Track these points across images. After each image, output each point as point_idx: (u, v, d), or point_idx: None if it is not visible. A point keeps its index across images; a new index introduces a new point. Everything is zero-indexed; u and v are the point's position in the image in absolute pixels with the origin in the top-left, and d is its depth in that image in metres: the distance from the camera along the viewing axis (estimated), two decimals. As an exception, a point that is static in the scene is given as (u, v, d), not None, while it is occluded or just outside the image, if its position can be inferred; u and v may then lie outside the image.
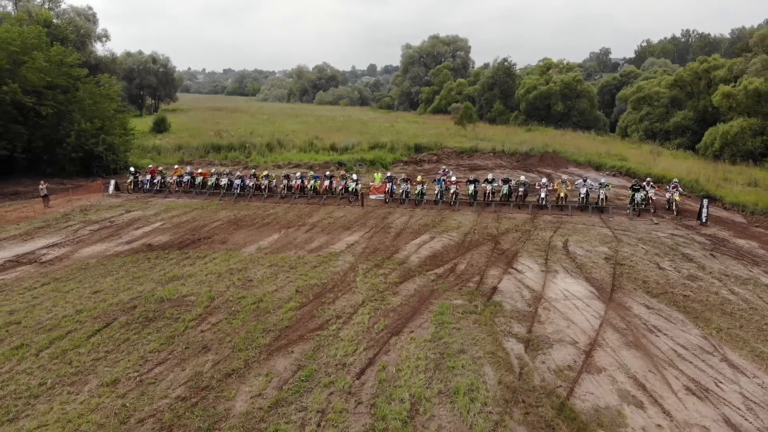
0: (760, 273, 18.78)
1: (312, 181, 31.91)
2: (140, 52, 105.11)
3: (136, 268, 18.80)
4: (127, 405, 10.59)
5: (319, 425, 9.82)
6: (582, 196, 28.46)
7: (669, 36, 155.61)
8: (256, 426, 9.81)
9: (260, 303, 15.47)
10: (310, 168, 40.64)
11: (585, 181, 29.62)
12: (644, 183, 28.77)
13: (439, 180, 31.00)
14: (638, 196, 27.16)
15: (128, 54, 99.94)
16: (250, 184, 32.11)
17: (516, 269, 18.68)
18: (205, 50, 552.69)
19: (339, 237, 23.03)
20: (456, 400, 10.55)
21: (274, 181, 33.17)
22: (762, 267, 19.45)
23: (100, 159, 37.85)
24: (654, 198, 27.68)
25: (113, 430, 9.83)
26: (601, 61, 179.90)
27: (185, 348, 12.83)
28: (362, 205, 29.36)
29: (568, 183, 30.01)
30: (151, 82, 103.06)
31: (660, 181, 32.63)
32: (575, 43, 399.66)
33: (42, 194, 29.48)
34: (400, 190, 30.39)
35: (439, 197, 29.66)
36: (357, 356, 12.34)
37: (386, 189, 30.69)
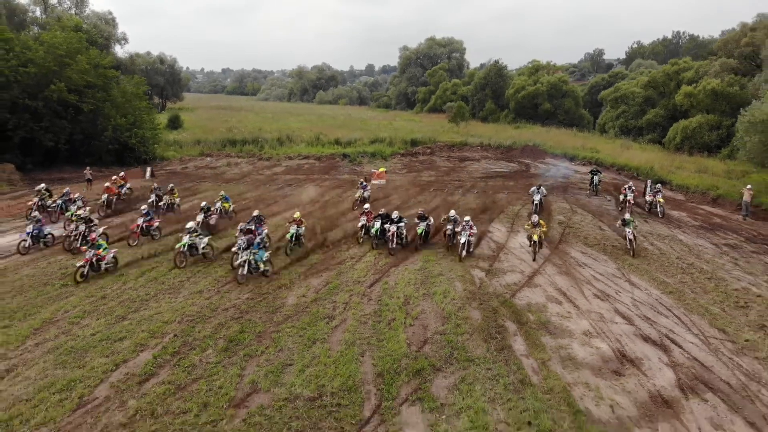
0: (679, 233, 24.09)
1: (220, 202, 26.33)
2: (148, 53, 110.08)
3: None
4: (213, 302, 15.72)
5: (344, 309, 15.05)
6: (536, 203, 27.24)
7: (661, 37, 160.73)
8: (304, 310, 15.03)
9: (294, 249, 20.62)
10: (318, 159, 45.76)
11: (539, 188, 28.11)
12: (600, 171, 33.81)
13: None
14: (596, 178, 32.32)
15: (137, 55, 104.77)
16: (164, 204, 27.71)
17: (488, 230, 23.88)
18: (203, 50, 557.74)
19: (346, 211, 28.12)
20: (434, 297, 15.81)
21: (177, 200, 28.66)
22: (682, 229, 24.76)
23: (132, 150, 42.83)
24: (632, 201, 27.74)
25: (208, 313, 14.95)
26: (595, 61, 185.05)
27: (244, 274, 18.00)
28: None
29: (542, 223, 20.99)
30: (159, 82, 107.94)
31: (623, 168, 37.91)
32: (576, 42, 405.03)
33: (86, 178, 34.44)
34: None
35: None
36: (367, 278, 17.60)
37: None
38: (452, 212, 21.94)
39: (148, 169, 38.31)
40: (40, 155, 40.37)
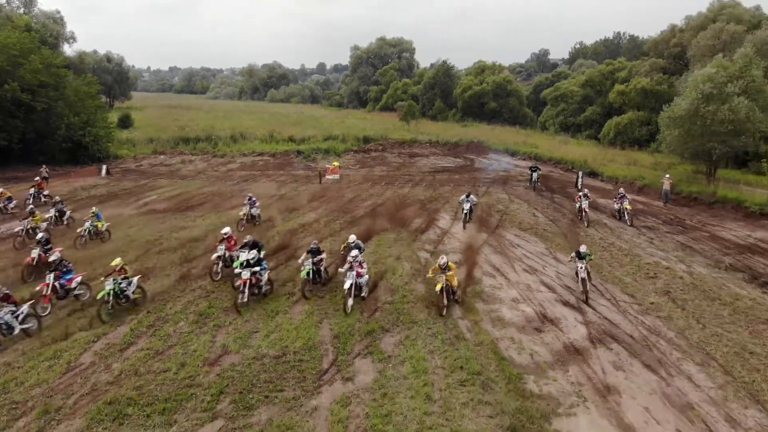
0: (604, 217, 26.79)
1: (90, 221, 22.29)
2: (95, 52, 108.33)
3: (151, 222, 25.01)
4: (182, 284, 17.17)
5: (303, 285, 16.76)
6: (466, 211, 25.62)
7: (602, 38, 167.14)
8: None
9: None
10: (272, 156, 47.06)
11: (468, 196, 26.17)
12: (539, 168, 36.39)
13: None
14: (535, 175, 34.85)
15: (85, 54, 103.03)
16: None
17: (435, 218, 25.96)
18: (149, 48, 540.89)
19: (303, 203, 29.74)
20: (385, 275, 17.72)
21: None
22: (606, 214, 27.46)
23: (86, 149, 43.14)
24: (587, 210, 27.09)
25: (177, 293, 16.39)
26: (541, 61, 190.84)
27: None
28: (320, 182, 36.18)
29: (452, 266, 16.09)
30: (106, 81, 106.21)
31: (559, 162, 40.74)
32: (541, 42, 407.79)
33: (42, 176, 34.86)
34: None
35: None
36: (328, 260, 19.27)
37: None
38: (352, 237, 17.76)
39: (104, 167, 38.90)
40: (-7, 155, 40.39)
